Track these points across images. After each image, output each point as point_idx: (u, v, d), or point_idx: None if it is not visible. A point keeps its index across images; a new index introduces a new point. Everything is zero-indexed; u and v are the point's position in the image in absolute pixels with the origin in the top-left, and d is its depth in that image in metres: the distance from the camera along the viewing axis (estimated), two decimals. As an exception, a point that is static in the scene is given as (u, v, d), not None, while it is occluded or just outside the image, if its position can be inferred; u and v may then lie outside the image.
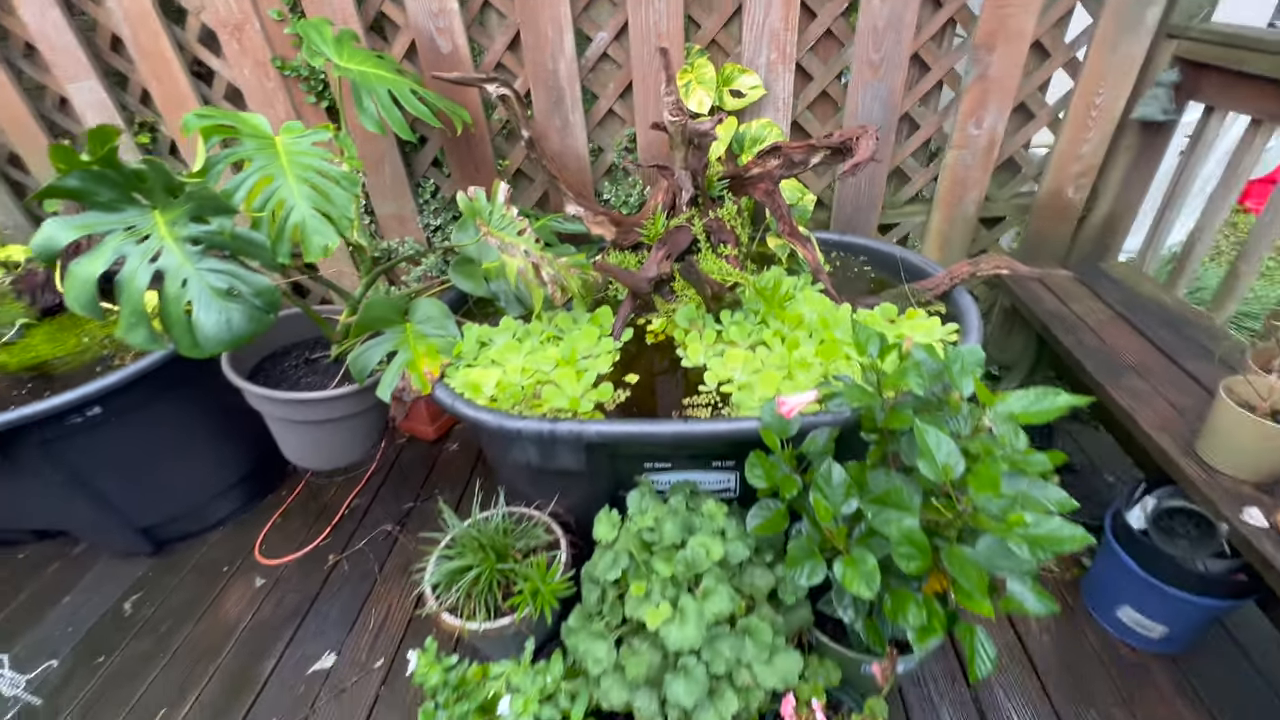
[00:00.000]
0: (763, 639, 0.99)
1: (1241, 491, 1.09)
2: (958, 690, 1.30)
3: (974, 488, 0.76)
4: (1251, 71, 1.33)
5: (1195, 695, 1.25)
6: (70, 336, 1.73)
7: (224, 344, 1.11)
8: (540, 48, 1.62)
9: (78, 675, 1.48)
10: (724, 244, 1.48)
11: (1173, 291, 1.66)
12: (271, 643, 1.51)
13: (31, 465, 1.43)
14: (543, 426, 1.11)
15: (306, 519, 1.86)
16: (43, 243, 1.05)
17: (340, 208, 1.19)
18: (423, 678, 1.09)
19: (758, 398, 1.15)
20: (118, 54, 1.78)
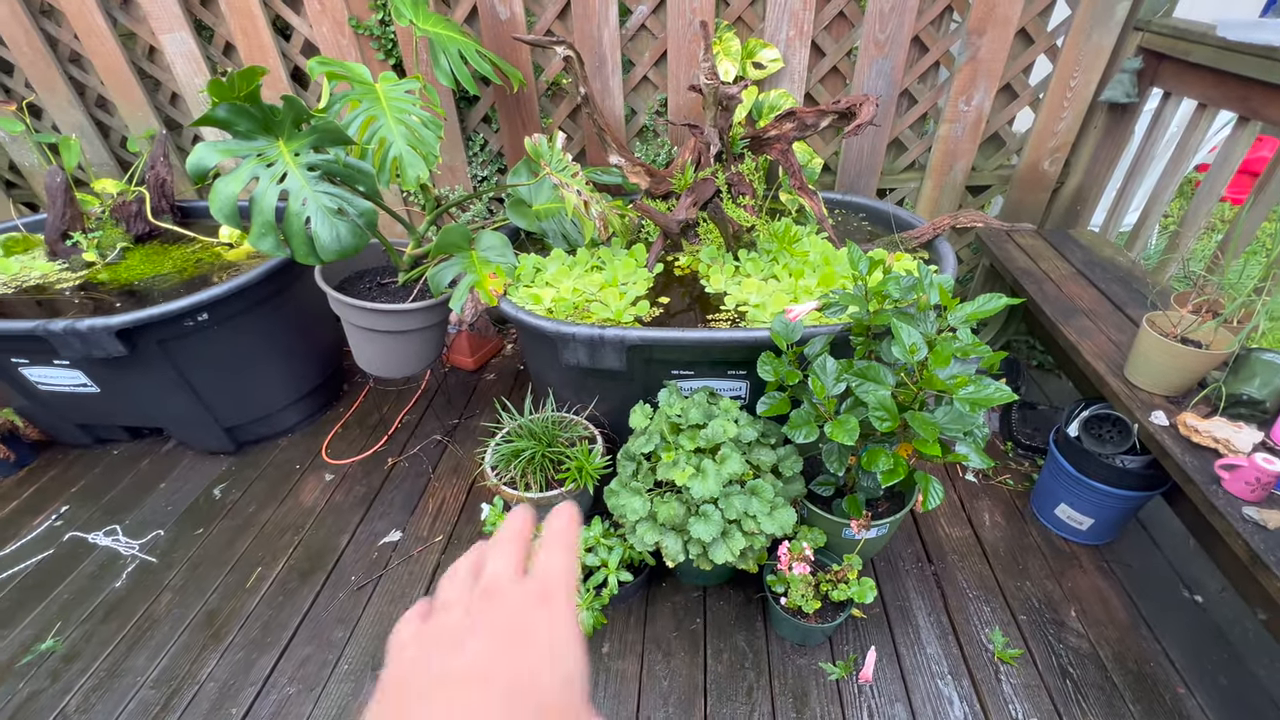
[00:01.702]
0: (766, 496, 1.26)
1: (1154, 402, 1.36)
2: (921, 569, 1.59)
3: (932, 362, 1.02)
4: (1196, 61, 1.56)
5: (1112, 574, 1.54)
6: (165, 260, 1.98)
7: (334, 254, 1.35)
8: (588, 17, 1.84)
9: (181, 542, 1.75)
10: (743, 195, 1.72)
11: (1128, 254, 1.91)
12: (345, 521, 1.79)
13: (150, 360, 1.69)
14: (593, 331, 1.37)
15: (364, 430, 2.12)
16: (195, 163, 1.28)
17: (428, 146, 1.43)
18: (492, 524, 1.36)
19: (769, 315, 1.41)
20: (206, 9, 2.00)
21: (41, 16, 2.06)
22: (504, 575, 0.33)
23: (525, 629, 0.30)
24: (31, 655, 1.46)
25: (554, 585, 0.32)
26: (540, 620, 0.30)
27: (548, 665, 0.28)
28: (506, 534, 0.36)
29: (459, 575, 0.35)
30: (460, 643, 0.29)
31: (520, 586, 0.32)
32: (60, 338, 1.56)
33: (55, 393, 1.84)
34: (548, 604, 0.31)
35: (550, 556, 0.34)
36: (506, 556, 0.34)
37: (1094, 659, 1.37)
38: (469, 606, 0.31)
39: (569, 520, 0.36)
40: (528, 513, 0.38)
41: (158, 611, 1.56)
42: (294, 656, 1.44)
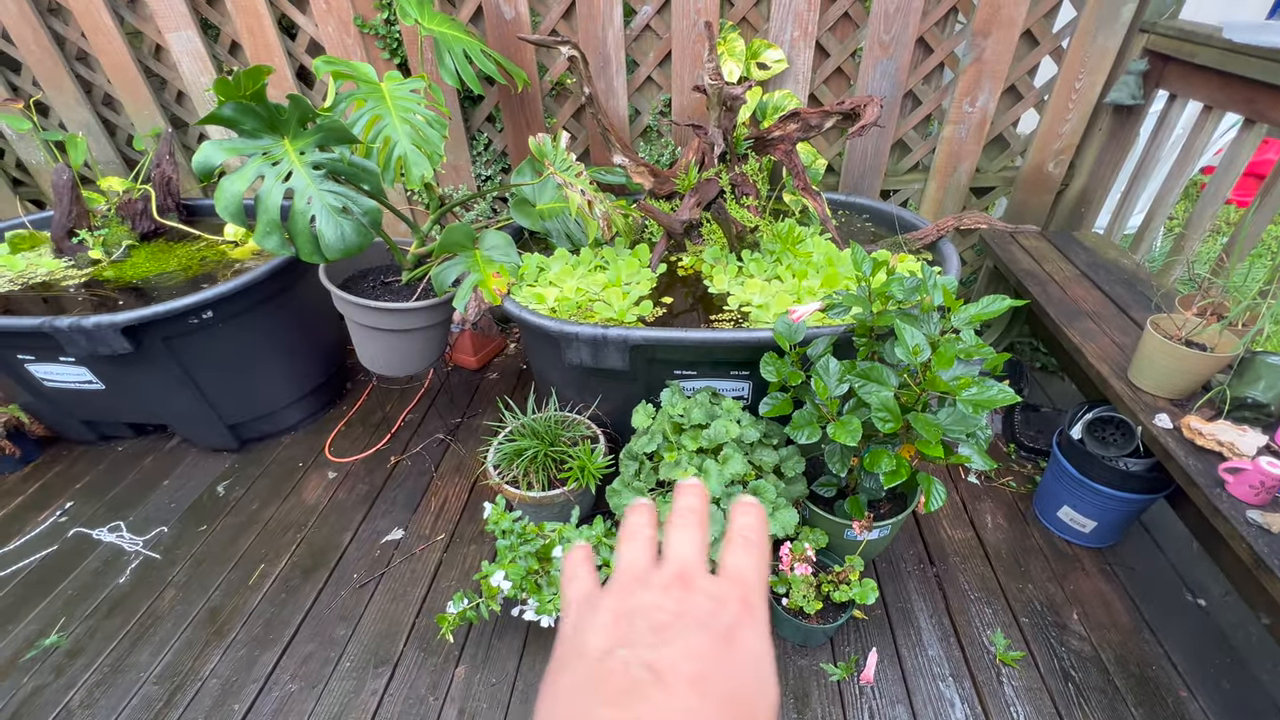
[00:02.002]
0: (768, 497, 1.26)
1: (1158, 405, 1.35)
2: (923, 570, 1.58)
3: (935, 364, 1.02)
4: (1202, 63, 1.56)
5: (1115, 577, 1.53)
6: (170, 258, 1.98)
7: (338, 253, 1.36)
8: (592, 17, 1.84)
9: (185, 539, 1.76)
10: (746, 196, 1.72)
11: (1132, 256, 1.91)
12: (348, 519, 1.79)
13: (155, 358, 1.69)
14: (596, 331, 1.37)
15: (367, 428, 2.13)
16: (201, 161, 1.29)
17: (433, 145, 1.43)
18: (495, 523, 1.36)
19: (772, 315, 1.41)
20: (213, 8, 2.01)
21: (49, 15, 2.07)
22: (695, 564, 0.29)
23: (732, 636, 0.26)
24: (35, 650, 1.47)
25: (753, 592, 0.29)
26: (747, 630, 0.27)
27: (756, 683, 0.26)
28: (687, 513, 0.32)
29: (642, 539, 0.31)
30: (665, 629, 0.26)
31: (717, 585, 0.28)
32: (66, 335, 1.57)
33: (61, 389, 1.85)
34: (750, 613, 0.28)
35: (743, 557, 0.30)
36: (693, 543, 0.30)
37: (1096, 662, 1.37)
38: (665, 587, 0.28)
39: (759, 519, 0.32)
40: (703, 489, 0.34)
41: (161, 608, 1.56)
42: (296, 654, 1.45)
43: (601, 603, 0.28)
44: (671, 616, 0.26)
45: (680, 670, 0.24)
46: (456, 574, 1.62)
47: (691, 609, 0.27)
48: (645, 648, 0.25)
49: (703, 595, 0.27)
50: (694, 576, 0.28)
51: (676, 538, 0.31)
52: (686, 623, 0.26)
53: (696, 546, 0.30)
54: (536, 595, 1.31)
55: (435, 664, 1.41)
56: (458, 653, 1.43)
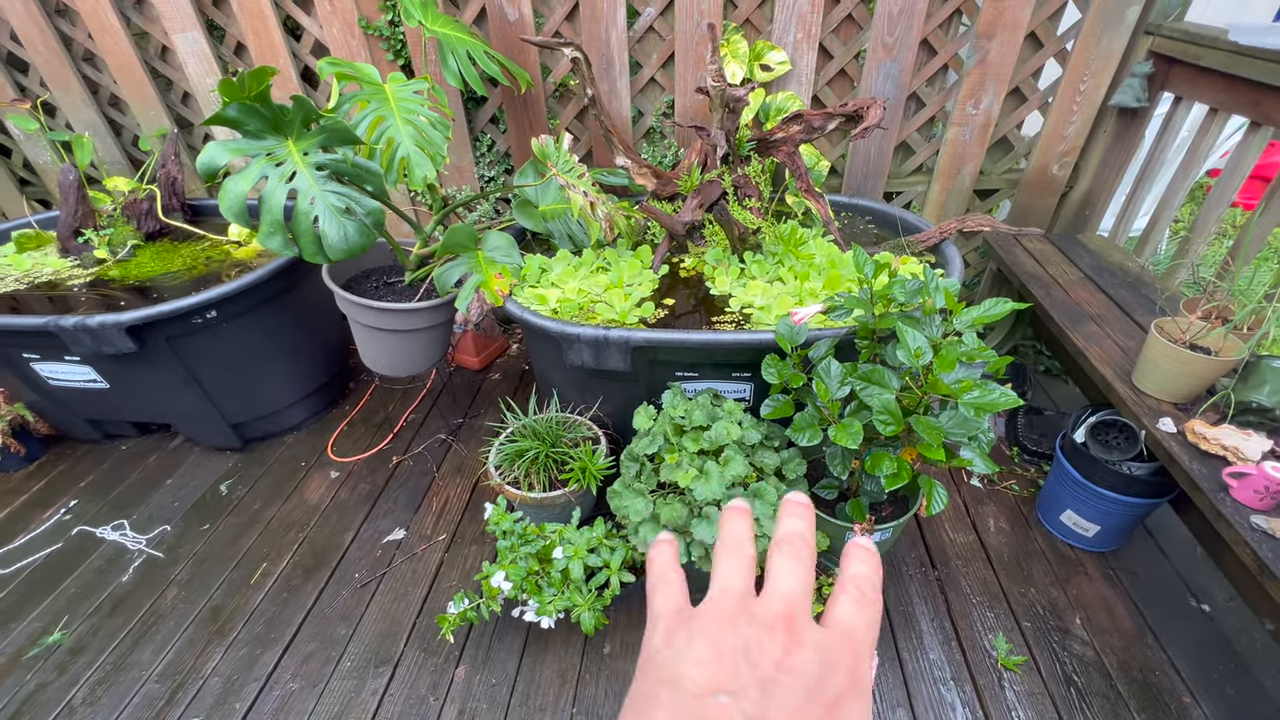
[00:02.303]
0: (769, 499, 1.26)
1: (1162, 408, 1.35)
2: (924, 573, 1.58)
3: (937, 366, 1.02)
4: (1207, 66, 1.55)
5: (1118, 581, 1.52)
6: (175, 258, 1.99)
7: (341, 253, 1.36)
8: (596, 19, 1.85)
9: (188, 538, 1.76)
10: (749, 197, 1.72)
11: (1137, 260, 1.90)
12: (350, 519, 1.79)
13: (159, 357, 1.70)
14: (598, 332, 1.37)
15: (370, 428, 2.14)
16: (205, 162, 1.29)
17: (436, 146, 1.44)
18: (495, 523, 1.36)
19: (773, 317, 1.41)
20: (218, 9, 2.02)
21: (56, 15, 2.08)
22: (801, 605, 0.27)
23: (836, 709, 0.24)
24: (39, 648, 1.48)
25: (862, 660, 0.26)
26: (852, 706, 0.25)
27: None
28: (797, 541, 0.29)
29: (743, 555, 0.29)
30: (770, 683, 0.24)
31: (826, 643, 0.26)
32: (71, 334, 1.57)
33: (65, 388, 1.86)
34: (857, 687, 0.25)
35: (856, 614, 0.27)
36: (800, 581, 0.28)
37: (1098, 667, 1.36)
38: (770, 628, 0.26)
39: (875, 568, 0.29)
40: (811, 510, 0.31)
41: (163, 606, 1.57)
42: (297, 653, 1.45)
43: (699, 627, 0.26)
44: (777, 670, 0.25)
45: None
46: (457, 574, 1.62)
47: (799, 665, 0.25)
48: (749, 701, 0.23)
49: (811, 650, 0.25)
50: (800, 622, 0.26)
51: (783, 569, 0.28)
52: (793, 683, 0.24)
53: (803, 584, 0.28)
54: (537, 596, 1.31)
55: (436, 664, 1.41)
56: (458, 653, 1.43)
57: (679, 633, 0.26)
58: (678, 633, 0.27)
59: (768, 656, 0.25)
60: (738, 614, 0.27)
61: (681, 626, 0.27)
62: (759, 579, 0.28)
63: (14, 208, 2.55)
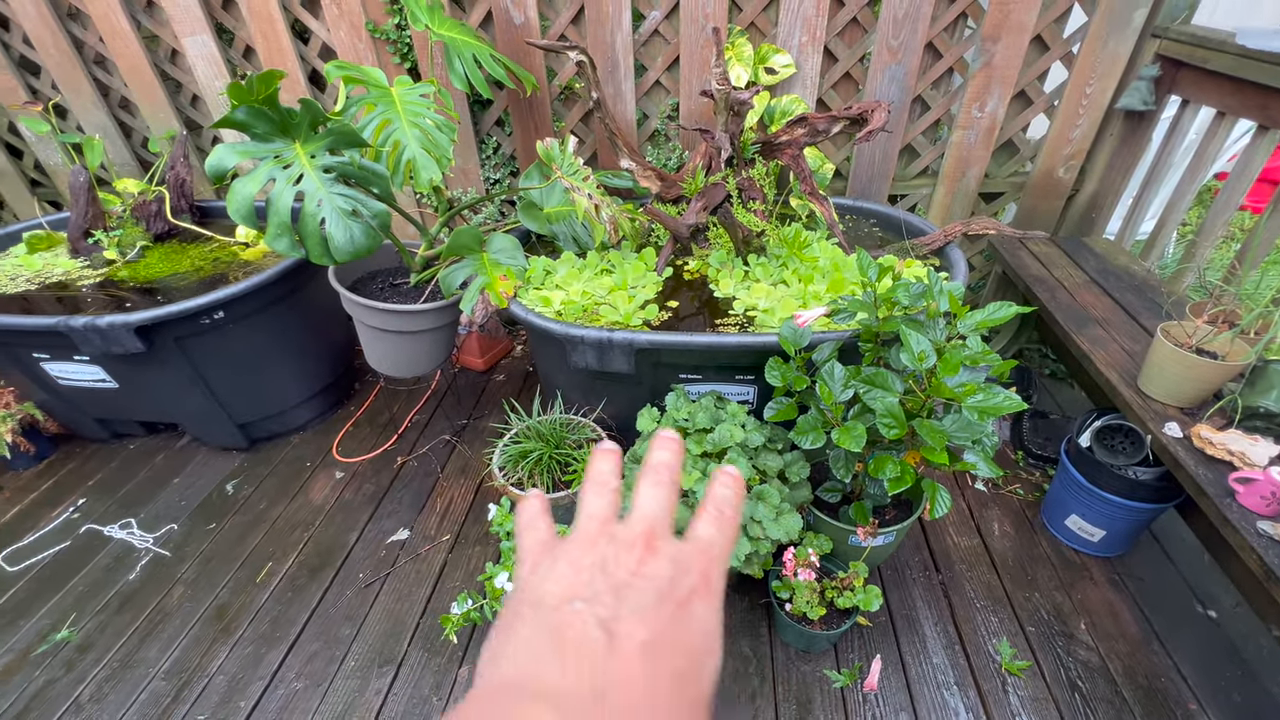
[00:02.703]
0: (772, 502, 1.26)
1: (1167, 413, 1.34)
2: (928, 577, 1.57)
3: (940, 370, 1.02)
4: (1215, 69, 1.55)
5: (1124, 586, 1.52)
6: (183, 259, 2.01)
7: (348, 255, 1.37)
8: (601, 22, 1.85)
9: (194, 536, 1.78)
10: (753, 200, 1.72)
11: (1143, 263, 1.89)
12: (355, 519, 1.80)
13: (167, 357, 1.72)
14: (602, 334, 1.38)
15: (374, 429, 2.15)
16: (214, 164, 1.30)
17: (442, 149, 1.45)
18: (499, 524, 1.37)
19: (777, 320, 1.41)
20: (227, 12, 2.03)
21: (68, 19, 2.11)
22: (662, 524, 0.29)
23: (687, 607, 0.26)
24: (47, 645, 1.49)
25: (715, 566, 0.29)
26: (701, 603, 0.27)
27: (703, 655, 0.26)
28: (661, 469, 0.31)
29: (608, 490, 0.31)
30: (624, 588, 0.26)
31: (681, 553, 0.28)
32: (81, 334, 1.59)
33: (75, 388, 1.88)
34: (708, 587, 0.28)
35: (714, 530, 0.30)
36: (661, 503, 0.30)
37: (1103, 673, 1.35)
38: (629, 545, 0.28)
39: (738, 494, 0.32)
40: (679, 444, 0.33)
41: (170, 604, 1.58)
42: (302, 652, 1.46)
43: (562, 552, 0.28)
44: (631, 576, 0.26)
45: (635, 636, 0.24)
46: (461, 575, 1.63)
47: (652, 572, 0.27)
48: (602, 605, 0.25)
49: (666, 560, 0.27)
50: (658, 538, 0.28)
51: (646, 494, 0.30)
52: (645, 586, 0.26)
53: (664, 506, 0.30)
54: (540, 597, 1.31)
55: (439, 664, 1.42)
56: (461, 654, 1.43)
57: (543, 561, 0.28)
58: (542, 561, 0.28)
59: (624, 567, 0.27)
60: (599, 536, 0.28)
61: (546, 555, 0.28)
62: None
63: (25, 209, 2.58)
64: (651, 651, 0.24)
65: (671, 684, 0.24)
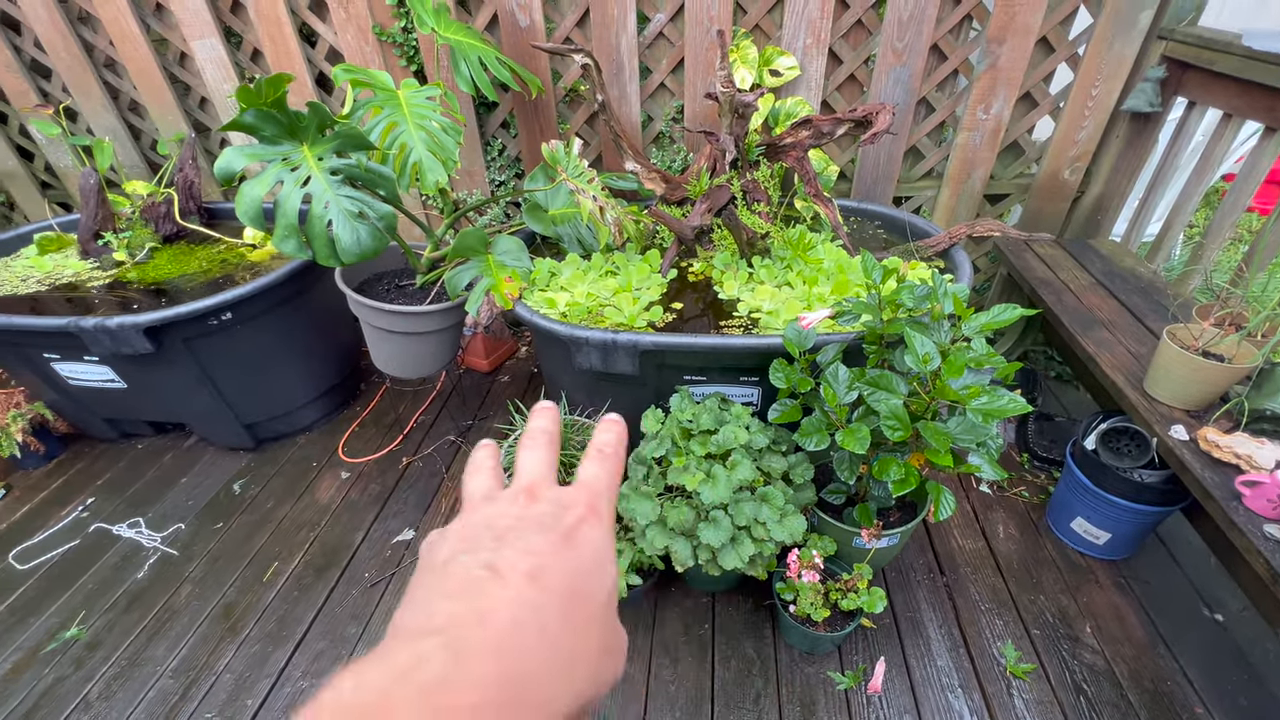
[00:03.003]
0: (776, 504, 1.27)
1: (1173, 416, 1.34)
2: (932, 580, 1.57)
3: (945, 372, 1.02)
4: (1221, 70, 1.54)
5: (1130, 590, 1.51)
6: (191, 260, 2.03)
7: (354, 256, 1.38)
8: (606, 25, 1.86)
9: (201, 536, 1.79)
10: (758, 202, 1.73)
11: (1149, 265, 1.89)
12: (360, 519, 1.81)
13: (175, 358, 1.73)
14: (606, 336, 1.38)
15: (380, 429, 2.16)
16: (223, 167, 1.32)
17: (448, 151, 1.45)
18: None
19: (781, 322, 1.41)
20: (236, 16, 2.05)
21: (79, 23, 2.13)
22: (542, 478, 0.31)
23: (573, 534, 0.27)
24: (56, 643, 1.50)
25: (600, 498, 0.30)
26: (588, 528, 0.28)
27: (594, 572, 0.27)
28: (537, 434, 0.33)
29: (485, 470, 0.32)
30: (505, 533, 0.27)
31: (564, 495, 0.30)
32: (91, 334, 1.61)
33: (84, 388, 1.89)
34: (596, 514, 0.29)
35: (596, 467, 0.32)
36: (539, 461, 0.32)
37: (1109, 676, 1.35)
38: (511, 499, 0.29)
39: (618, 436, 0.34)
40: (555, 411, 0.35)
41: (177, 603, 1.59)
42: (308, 651, 1.47)
43: (450, 526, 0.29)
44: (513, 521, 0.27)
45: (518, 567, 0.25)
46: (466, 575, 1.63)
47: (535, 514, 0.28)
48: (486, 551, 0.26)
49: (548, 503, 0.29)
50: (539, 487, 0.30)
51: (524, 457, 0.32)
52: (526, 526, 0.27)
53: (544, 463, 0.31)
54: (544, 598, 1.32)
55: (444, 664, 1.42)
56: (466, 653, 1.44)
57: (435, 536, 0.29)
58: (433, 538, 0.29)
59: (507, 517, 0.28)
60: (482, 503, 0.30)
61: (438, 532, 0.29)
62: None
63: (36, 210, 2.60)
64: (536, 575, 0.25)
65: (561, 601, 0.24)
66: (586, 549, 0.27)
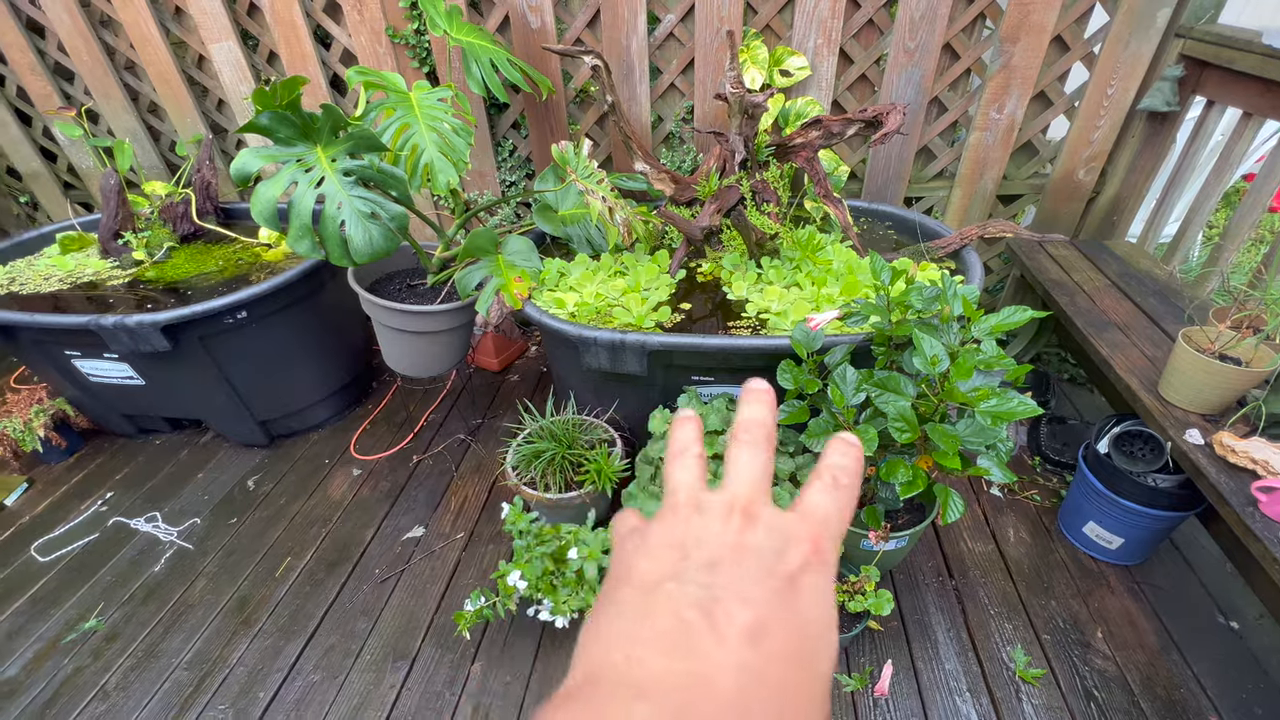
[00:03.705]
0: (783, 504, 1.26)
1: (1189, 419, 1.32)
2: (941, 583, 1.56)
3: (954, 375, 1.01)
4: (1241, 69, 1.52)
5: (1142, 595, 1.49)
6: (208, 260, 2.06)
7: (366, 256, 1.40)
8: (616, 26, 1.87)
9: (216, 531, 1.82)
10: (767, 203, 1.72)
11: (1165, 267, 1.86)
12: (371, 516, 1.84)
13: (192, 355, 1.76)
14: (615, 336, 1.39)
15: (391, 427, 2.18)
16: (239, 168, 1.34)
17: (459, 152, 1.47)
18: (512, 523, 1.38)
19: (790, 323, 1.41)
20: (252, 19, 2.08)
21: (101, 27, 2.17)
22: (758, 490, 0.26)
23: (796, 583, 0.23)
24: (75, 634, 1.54)
25: (825, 537, 0.25)
26: (814, 578, 0.24)
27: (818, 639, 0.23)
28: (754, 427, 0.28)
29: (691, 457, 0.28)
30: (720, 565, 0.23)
31: (786, 523, 0.25)
32: (110, 332, 1.64)
33: (104, 384, 1.93)
34: (821, 560, 0.24)
35: (827, 498, 0.27)
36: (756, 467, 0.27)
37: (1120, 683, 1.33)
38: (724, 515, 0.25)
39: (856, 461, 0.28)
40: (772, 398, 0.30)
41: (193, 596, 1.62)
42: (319, 645, 1.49)
43: (652, 528, 0.25)
44: (729, 551, 0.24)
45: (735, 618, 0.21)
46: (474, 572, 1.65)
47: (752, 544, 0.24)
48: (697, 585, 0.22)
49: (766, 530, 0.25)
50: (756, 505, 0.25)
51: (738, 457, 0.27)
52: (746, 561, 0.23)
53: (760, 469, 0.27)
54: (551, 596, 1.33)
55: (452, 660, 1.44)
56: (474, 650, 1.45)
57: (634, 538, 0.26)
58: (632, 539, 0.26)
59: (719, 539, 0.24)
60: (689, 508, 0.26)
61: (637, 533, 0.26)
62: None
63: (58, 210, 2.66)
64: (756, 634, 0.21)
65: (783, 670, 0.21)
66: (809, 603, 0.23)
